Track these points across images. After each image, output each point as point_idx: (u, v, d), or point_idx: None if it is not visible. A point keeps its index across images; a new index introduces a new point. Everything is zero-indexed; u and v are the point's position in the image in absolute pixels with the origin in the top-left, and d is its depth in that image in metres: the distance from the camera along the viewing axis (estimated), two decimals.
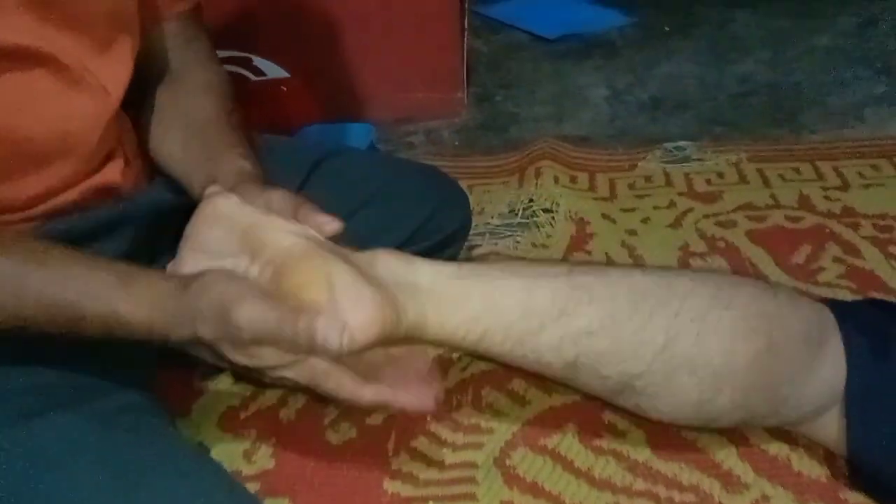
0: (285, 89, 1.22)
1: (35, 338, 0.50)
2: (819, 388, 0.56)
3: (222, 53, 1.20)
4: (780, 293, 0.58)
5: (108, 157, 0.63)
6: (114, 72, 0.60)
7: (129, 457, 0.49)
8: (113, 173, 0.63)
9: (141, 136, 0.68)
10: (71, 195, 0.60)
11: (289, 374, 0.50)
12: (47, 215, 0.58)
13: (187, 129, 0.65)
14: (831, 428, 0.57)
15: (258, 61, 1.20)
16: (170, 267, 0.54)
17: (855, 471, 0.60)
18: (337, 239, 0.54)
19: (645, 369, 0.54)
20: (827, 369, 0.56)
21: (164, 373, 0.68)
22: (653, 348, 0.53)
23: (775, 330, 0.55)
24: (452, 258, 0.89)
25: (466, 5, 1.37)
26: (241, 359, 0.49)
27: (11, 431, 0.48)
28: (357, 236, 0.77)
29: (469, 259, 0.94)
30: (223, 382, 0.76)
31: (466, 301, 0.54)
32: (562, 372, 0.56)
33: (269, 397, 0.74)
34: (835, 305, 0.59)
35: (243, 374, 0.52)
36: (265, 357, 0.49)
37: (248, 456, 0.68)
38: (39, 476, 0.46)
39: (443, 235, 0.80)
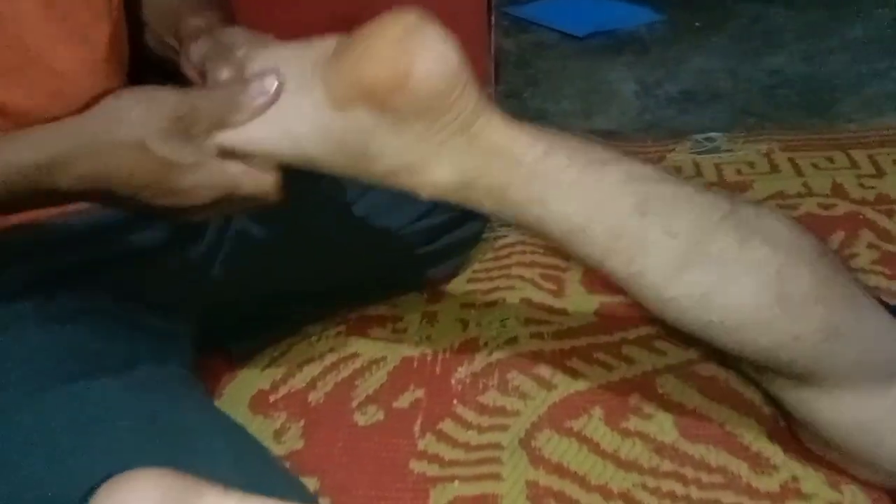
0: None
1: (83, 300, 0.51)
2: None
3: None
4: None
5: None
6: None
7: (169, 421, 0.50)
8: None
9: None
10: None
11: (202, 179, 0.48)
12: None
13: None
14: None
15: None
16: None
17: None
18: None
19: (716, 229, 0.51)
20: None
21: (197, 356, 0.70)
22: (720, 211, 0.51)
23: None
24: (477, 233, 0.89)
25: (493, 4, 1.38)
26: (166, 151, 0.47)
27: (60, 391, 0.50)
28: (380, 205, 0.76)
29: None
30: (255, 366, 0.78)
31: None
32: (628, 221, 0.51)
33: (299, 380, 0.75)
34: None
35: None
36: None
37: (277, 436, 0.69)
38: (85, 433, 0.48)
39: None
